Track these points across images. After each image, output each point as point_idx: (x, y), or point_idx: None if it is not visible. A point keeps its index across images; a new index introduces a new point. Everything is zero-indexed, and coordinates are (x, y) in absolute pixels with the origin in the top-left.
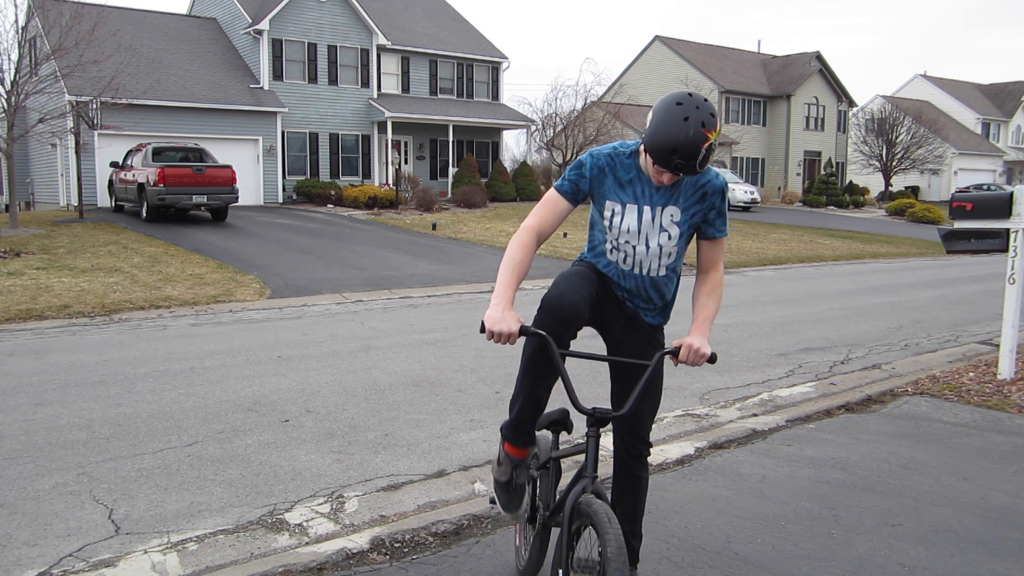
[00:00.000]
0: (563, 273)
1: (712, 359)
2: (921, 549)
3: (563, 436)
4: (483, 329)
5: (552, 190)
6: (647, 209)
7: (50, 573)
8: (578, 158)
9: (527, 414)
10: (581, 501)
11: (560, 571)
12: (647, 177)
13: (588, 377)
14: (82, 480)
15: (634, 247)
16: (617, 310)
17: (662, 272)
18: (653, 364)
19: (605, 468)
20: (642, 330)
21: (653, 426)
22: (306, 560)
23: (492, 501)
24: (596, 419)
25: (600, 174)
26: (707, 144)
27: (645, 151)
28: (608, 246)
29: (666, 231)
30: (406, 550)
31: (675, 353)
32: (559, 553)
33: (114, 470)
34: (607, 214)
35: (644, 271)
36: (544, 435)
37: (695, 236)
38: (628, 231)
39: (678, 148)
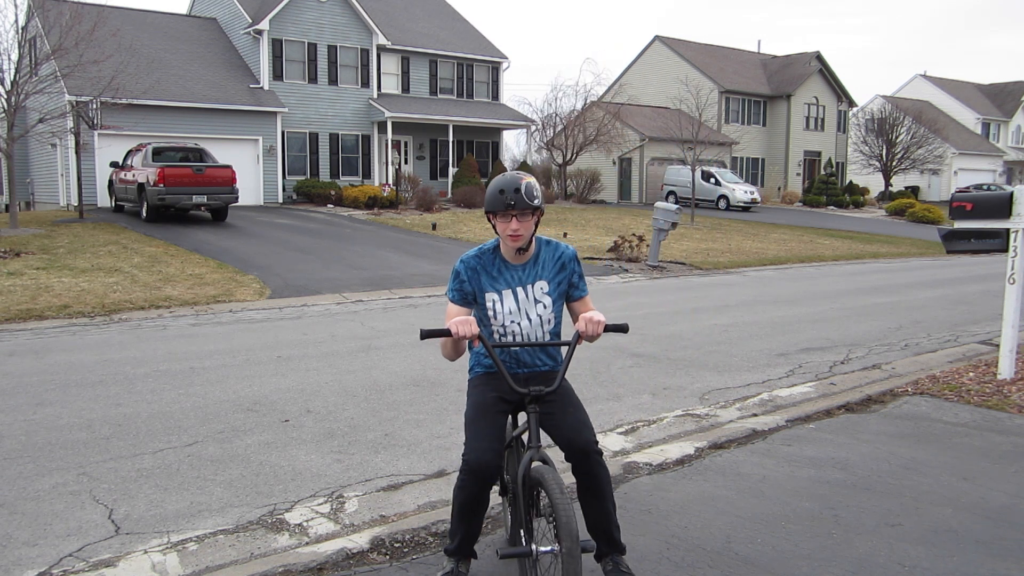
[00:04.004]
0: (469, 420)
1: (622, 328)
2: (921, 549)
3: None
4: (423, 335)
5: (449, 303)
6: (520, 289)
7: (50, 573)
8: (453, 268)
9: (466, 548)
10: (531, 469)
11: (522, 531)
12: (512, 264)
13: (588, 377)
14: (82, 480)
15: (519, 323)
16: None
17: (547, 338)
18: (573, 341)
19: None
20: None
21: (652, 427)
22: (306, 560)
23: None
24: (532, 397)
25: (474, 274)
26: (525, 180)
27: (497, 230)
28: (497, 336)
29: (540, 302)
30: (406, 550)
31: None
32: (517, 515)
33: (114, 470)
34: (489, 305)
35: (533, 342)
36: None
37: (565, 303)
38: (510, 312)
39: (503, 188)
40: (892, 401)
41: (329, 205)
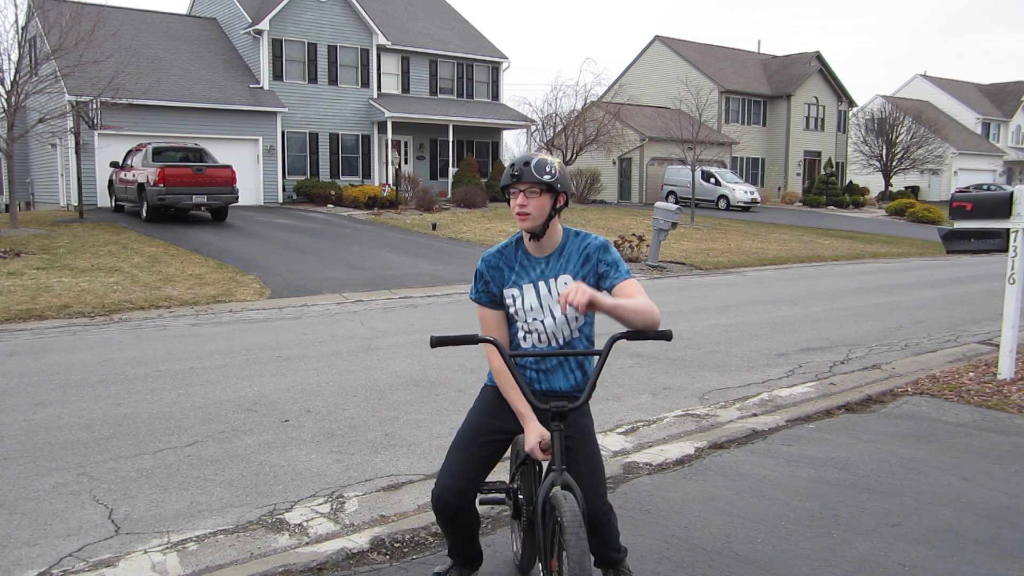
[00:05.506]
0: (453, 445)
1: (665, 336)
2: (921, 549)
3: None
4: (434, 343)
5: (478, 306)
6: (542, 284)
7: (50, 573)
8: (476, 268)
9: (460, 557)
10: (551, 496)
11: (540, 564)
12: (534, 257)
13: None
14: (82, 480)
15: (542, 321)
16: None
17: (575, 336)
18: (605, 351)
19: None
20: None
21: (652, 427)
22: (306, 560)
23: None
24: (554, 414)
25: (497, 272)
26: (538, 156)
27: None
28: (521, 334)
29: None
30: (406, 550)
31: (626, 335)
32: (534, 542)
33: (114, 470)
34: (509, 302)
35: (560, 341)
36: (520, 436)
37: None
38: (531, 308)
39: (513, 162)
40: (892, 401)
41: (329, 205)
